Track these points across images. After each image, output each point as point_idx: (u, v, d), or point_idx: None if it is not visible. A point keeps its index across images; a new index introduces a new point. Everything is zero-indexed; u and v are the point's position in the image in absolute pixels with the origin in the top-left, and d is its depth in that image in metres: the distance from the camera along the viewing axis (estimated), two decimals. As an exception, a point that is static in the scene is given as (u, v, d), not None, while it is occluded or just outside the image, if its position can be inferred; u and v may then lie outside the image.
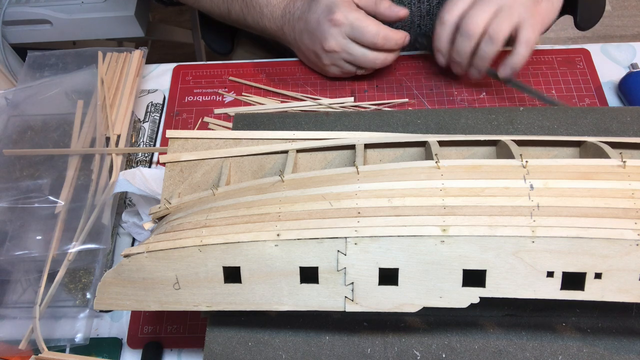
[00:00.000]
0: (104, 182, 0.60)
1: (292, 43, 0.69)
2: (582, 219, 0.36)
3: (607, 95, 0.66)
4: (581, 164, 0.40)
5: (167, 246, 0.39)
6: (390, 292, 0.38)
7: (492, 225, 0.37)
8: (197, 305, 0.40)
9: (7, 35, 0.94)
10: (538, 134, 0.51)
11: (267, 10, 0.68)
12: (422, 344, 0.42)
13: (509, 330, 0.42)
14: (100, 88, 0.67)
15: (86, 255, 0.56)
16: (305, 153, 0.49)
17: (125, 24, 0.98)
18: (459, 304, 0.38)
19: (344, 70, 0.67)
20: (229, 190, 0.45)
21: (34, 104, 0.67)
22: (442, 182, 0.39)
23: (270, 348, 0.43)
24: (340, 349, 0.42)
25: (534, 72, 0.69)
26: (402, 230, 0.37)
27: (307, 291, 0.39)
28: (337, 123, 0.53)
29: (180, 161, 0.49)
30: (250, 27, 0.72)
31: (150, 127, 0.70)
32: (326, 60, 0.65)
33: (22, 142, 0.64)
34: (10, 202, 0.59)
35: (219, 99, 0.71)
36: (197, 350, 0.53)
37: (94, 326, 0.56)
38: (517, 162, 0.40)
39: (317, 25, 0.63)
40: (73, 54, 0.72)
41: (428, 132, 0.52)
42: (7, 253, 0.56)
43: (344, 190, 0.40)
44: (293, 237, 0.38)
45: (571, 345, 0.41)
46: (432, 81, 0.70)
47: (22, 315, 0.54)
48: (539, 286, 0.37)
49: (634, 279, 0.36)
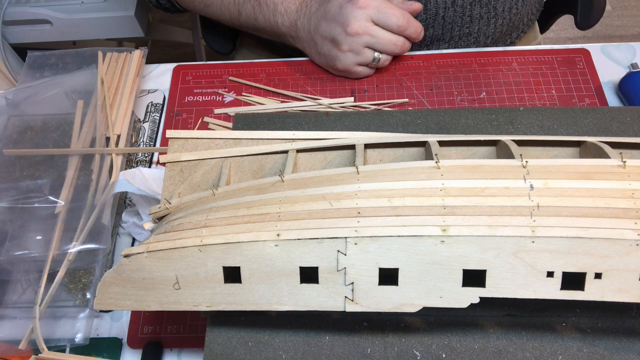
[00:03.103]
0: (104, 182, 0.60)
1: (304, 38, 0.69)
2: (582, 219, 0.36)
3: (607, 95, 0.66)
4: (581, 164, 0.40)
5: (167, 246, 0.39)
6: (390, 292, 0.38)
7: (492, 225, 0.37)
8: (197, 305, 0.40)
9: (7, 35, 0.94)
10: (538, 134, 0.51)
11: (281, 7, 0.68)
12: (422, 344, 0.42)
13: (509, 330, 0.42)
14: (100, 88, 0.67)
15: (86, 255, 0.56)
16: (305, 153, 0.49)
17: (125, 24, 0.98)
18: (459, 304, 0.38)
19: (359, 57, 0.66)
20: (229, 190, 0.45)
21: (34, 104, 0.67)
22: (442, 182, 0.39)
23: (270, 348, 0.43)
24: (340, 349, 0.42)
25: (534, 72, 0.69)
26: (402, 230, 0.37)
27: (307, 291, 0.39)
28: (337, 123, 0.53)
29: (180, 161, 0.49)
30: (259, 27, 0.72)
31: (150, 127, 0.70)
32: (345, 46, 0.65)
33: (22, 142, 0.64)
34: (10, 202, 0.59)
35: (219, 99, 0.71)
36: (197, 350, 0.53)
37: (94, 326, 0.56)
38: (517, 162, 0.40)
39: (339, 10, 0.64)
40: (73, 54, 0.72)
41: (428, 132, 0.52)
42: (7, 253, 0.56)
43: (344, 190, 0.40)
44: (293, 237, 0.38)
45: (571, 345, 0.41)
46: (432, 81, 0.70)
47: (22, 315, 0.54)
48: (539, 286, 0.37)
49: (634, 279, 0.36)
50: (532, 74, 0.69)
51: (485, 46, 0.78)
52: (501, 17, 0.75)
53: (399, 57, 0.71)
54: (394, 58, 0.69)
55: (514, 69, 0.70)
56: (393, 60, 0.69)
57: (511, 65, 0.70)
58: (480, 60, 0.71)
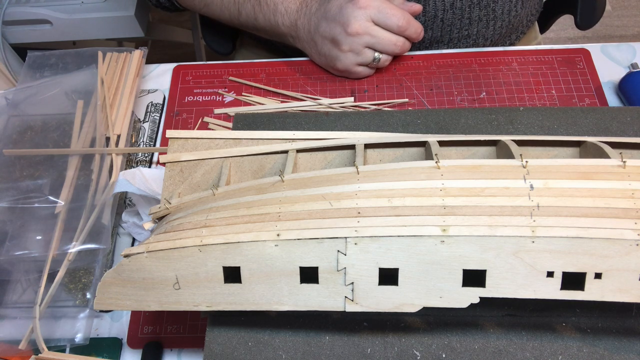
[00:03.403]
0: (104, 182, 0.60)
1: (304, 38, 0.69)
2: (582, 219, 0.36)
3: (607, 95, 0.66)
4: (581, 164, 0.40)
5: (167, 246, 0.39)
6: (390, 292, 0.38)
7: (492, 225, 0.37)
8: (197, 305, 0.40)
9: (7, 35, 0.94)
10: (538, 134, 0.51)
11: (282, 7, 0.69)
12: (422, 344, 0.42)
13: (509, 330, 0.42)
14: (100, 88, 0.67)
15: (86, 255, 0.56)
16: (305, 153, 0.49)
17: (125, 24, 0.98)
18: (459, 304, 0.38)
19: (359, 57, 0.66)
20: (229, 190, 0.45)
21: (34, 104, 0.67)
22: (442, 182, 0.39)
23: (270, 348, 0.43)
24: (340, 349, 0.42)
25: (534, 72, 0.69)
26: (402, 230, 0.37)
27: (307, 291, 0.39)
28: (337, 123, 0.53)
29: (180, 161, 0.49)
30: (259, 27, 0.72)
31: (150, 127, 0.70)
32: (345, 46, 0.65)
33: (22, 142, 0.64)
34: (10, 202, 0.59)
35: (219, 99, 0.71)
36: (197, 350, 0.53)
37: (94, 326, 0.56)
38: (517, 162, 0.40)
39: (339, 10, 0.64)
40: (73, 54, 0.72)
41: (428, 132, 0.52)
42: (7, 253, 0.56)
43: (344, 190, 0.40)
44: (293, 237, 0.38)
45: (571, 345, 0.41)
46: (432, 81, 0.70)
47: (22, 315, 0.54)
48: (539, 286, 0.37)
49: (634, 279, 0.36)
50: (532, 74, 0.69)
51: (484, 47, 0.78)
52: (500, 20, 0.75)
53: (399, 57, 0.71)
54: (394, 58, 0.69)
55: (514, 69, 0.70)
56: (393, 60, 0.69)
57: (511, 65, 0.70)
58: (480, 61, 0.71)
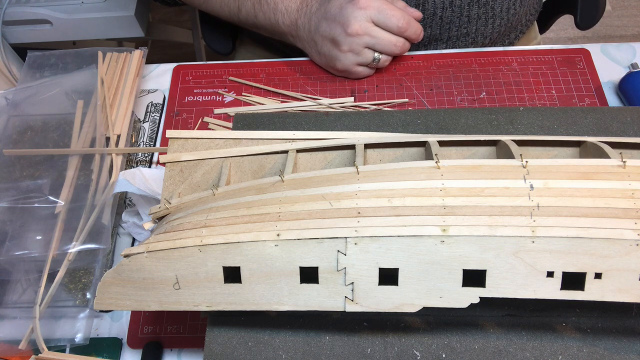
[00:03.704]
0: (104, 182, 0.60)
1: (304, 37, 0.69)
2: (582, 219, 0.36)
3: (607, 95, 0.66)
4: (581, 164, 0.40)
5: (167, 246, 0.39)
6: (390, 292, 0.38)
7: (492, 225, 0.37)
8: (197, 305, 0.40)
9: (7, 35, 0.94)
10: (538, 134, 0.51)
11: (282, 6, 0.68)
12: (422, 344, 0.42)
13: (509, 330, 0.42)
14: (100, 88, 0.67)
15: (86, 255, 0.56)
16: (305, 153, 0.49)
17: (125, 24, 0.98)
18: (459, 304, 0.38)
19: (359, 57, 0.66)
20: (229, 190, 0.45)
21: (34, 104, 0.67)
22: (442, 182, 0.39)
23: (270, 348, 0.43)
24: (340, 349, 0.42)
25: (534, 72, 0.69)
26: (402, 230, 0.37)
27: (307, 291, 0.39)
28: (337, 123, 0.53)
29: (180, 161, 0.49)
30: (259, 25, 0.72)
31: (150, 127, 0.70)
32: (345, 47, 0.65)
33: (22, 142, 0.64)
34: (10, 202, 0.59)
35: (219, 99, 0.71)
36: (197, 350, 0.53)
37: (94, 326, 0.56)
38: (517, 162, 0.40)
39: (340, 10, 0.64)
40: (73, 54, 0.72)
41: (428, 132, 0.52)
42: (7, 253, 0.56)
43: (344, 190, 0.40)
44: (293, 237, 0.38)
45: (571, 345, 0.41)
46: (432, 81, 0.70)
47: (22, 315, 0.54)
48: (539, 286, 0.37)
49: (634, 279, 0.36)
50: (532, 74, 0.69)
51: (483, 46, 0.78)
52: (499, 18, 0.75)
53: (399, 57, 0.71)
54: (394, 58, 0.69)
55: (514, 69, 0.70)
56: (393, 60, 0.69)
57: (511, 65, 0.70)
58: (480, 60, 0.71)
